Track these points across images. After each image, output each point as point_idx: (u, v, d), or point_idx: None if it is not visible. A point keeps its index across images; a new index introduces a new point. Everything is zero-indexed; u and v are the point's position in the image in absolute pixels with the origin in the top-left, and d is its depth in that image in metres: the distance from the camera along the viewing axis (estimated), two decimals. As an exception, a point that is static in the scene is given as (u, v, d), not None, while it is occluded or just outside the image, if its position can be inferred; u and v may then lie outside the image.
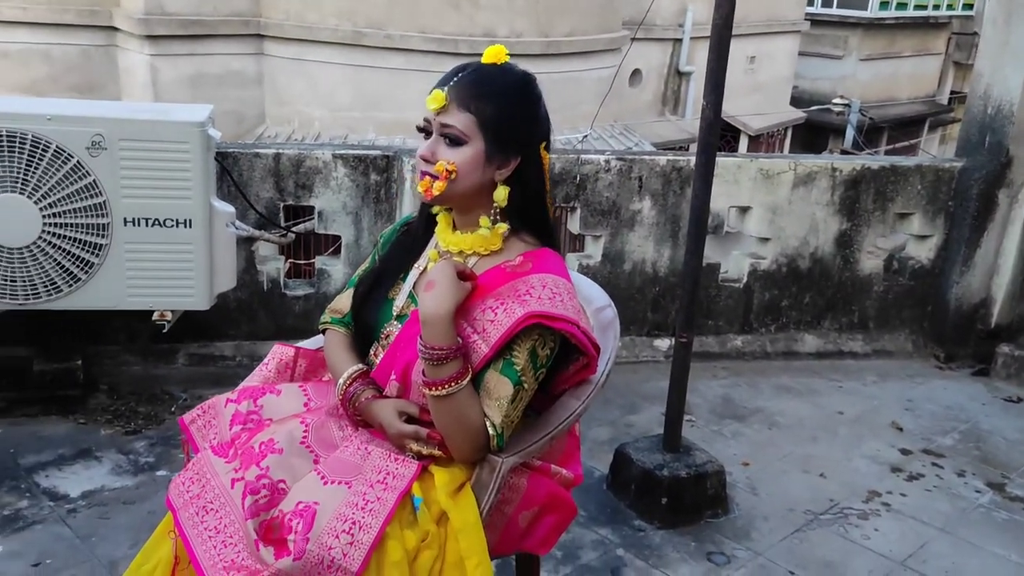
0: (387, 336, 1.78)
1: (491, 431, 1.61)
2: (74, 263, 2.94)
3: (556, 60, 8.67)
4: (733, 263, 4.23)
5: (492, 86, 1.66)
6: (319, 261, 3.78)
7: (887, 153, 14.83)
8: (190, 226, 3.00)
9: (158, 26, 8.10)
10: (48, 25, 8.34)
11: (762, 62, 12.88)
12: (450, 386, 1.58)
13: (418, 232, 1.85)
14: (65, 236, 2.91)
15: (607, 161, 3.81)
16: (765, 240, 4.14)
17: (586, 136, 5.99)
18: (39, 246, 2.89)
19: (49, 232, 2.88)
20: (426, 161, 1.67)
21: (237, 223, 3.36)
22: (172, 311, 3.11)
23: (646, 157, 3.88)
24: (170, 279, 3.04)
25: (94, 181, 2.88)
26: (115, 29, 8.53)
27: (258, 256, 3.61)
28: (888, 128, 15.64)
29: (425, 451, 1.67)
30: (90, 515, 2.64)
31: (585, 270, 3.89)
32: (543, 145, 1.73)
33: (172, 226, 2.99)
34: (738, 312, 4.18)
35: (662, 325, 4.08)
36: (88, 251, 2.94)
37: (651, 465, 2.86)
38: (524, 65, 1.76)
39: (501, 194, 1.70)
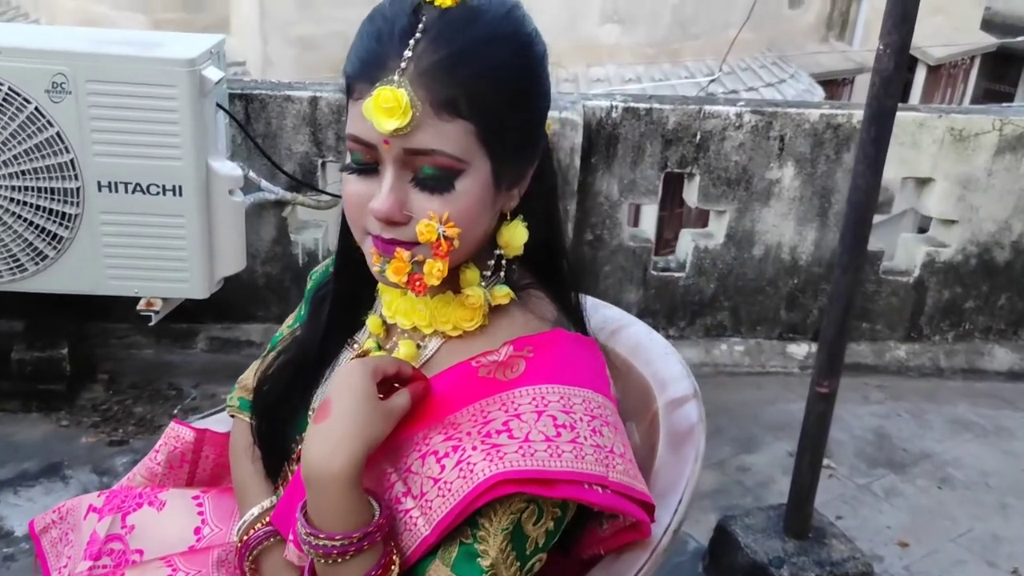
0: (298, 457, 1.05)
1: None
2: (39, 236, 2.35)
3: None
4: (902, 250, 3.24)
5: (481, 50, 0.85)
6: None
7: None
8: (180, 194, 2.36)
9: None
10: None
11: (950, -22, 11.09)
12: None
13: (344, 291, 1.08)
14: (26, 203, 2.31)
15: (738, 115, 2.89)
16: (950, 223, 3.12)
17: (715, 79, 4.70)
18: (-6, 215, 2.31)
19: (5, 197, 2.29)
20: (393, 224, 0.88)
21: (264, 184, 2.77)
22: (164, 299, 2.50)
23: (791, 111, 2.92)
24: (158, 259, 2.43)
25: (58, 134, 2.26)
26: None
27: (292, 223, 2.94)
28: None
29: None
30: (26, 568, 2.09)
31: (702, 254, 3.03)
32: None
33: (157, 193, 2.35)
34: (904, 314, 3.21)
35: (799, 327, 3.18)
36: (55, 222, 2.34)
37: (765, 558, 2.04)
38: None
39: (517, 236, 0.95)
